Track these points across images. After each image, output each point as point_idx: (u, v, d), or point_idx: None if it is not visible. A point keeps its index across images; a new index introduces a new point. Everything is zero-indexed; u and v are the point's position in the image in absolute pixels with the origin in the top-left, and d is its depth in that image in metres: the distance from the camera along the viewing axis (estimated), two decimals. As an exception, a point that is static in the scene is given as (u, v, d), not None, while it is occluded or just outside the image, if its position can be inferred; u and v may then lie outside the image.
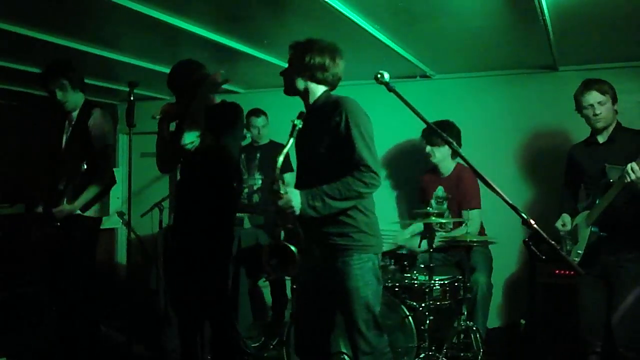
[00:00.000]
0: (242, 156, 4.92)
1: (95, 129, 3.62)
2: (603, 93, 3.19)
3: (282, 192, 2.46)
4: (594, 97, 3.21)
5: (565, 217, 3.38)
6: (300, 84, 2.67)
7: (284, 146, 2.54)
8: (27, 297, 4.57)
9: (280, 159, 2.50)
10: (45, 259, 3.74)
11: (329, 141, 2.54)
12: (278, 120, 4.92)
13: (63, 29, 3.55)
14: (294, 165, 3.11)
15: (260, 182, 4.95)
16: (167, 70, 3.22)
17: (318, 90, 2.67)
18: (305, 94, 2.70)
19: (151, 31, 3.52)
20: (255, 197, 4.93)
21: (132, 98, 3.26)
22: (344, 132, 2.49)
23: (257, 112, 4.97)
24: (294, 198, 2.45)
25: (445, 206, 4.31)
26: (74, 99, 3.68)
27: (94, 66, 4.43)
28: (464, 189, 4.20)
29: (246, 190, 4.93)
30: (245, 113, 3.81)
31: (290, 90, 2.72)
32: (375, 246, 2.61)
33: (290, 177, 5.07)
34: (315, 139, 2.60)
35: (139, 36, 3.75)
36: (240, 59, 4.25)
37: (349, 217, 2.55)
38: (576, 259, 3.17)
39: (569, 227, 3.32)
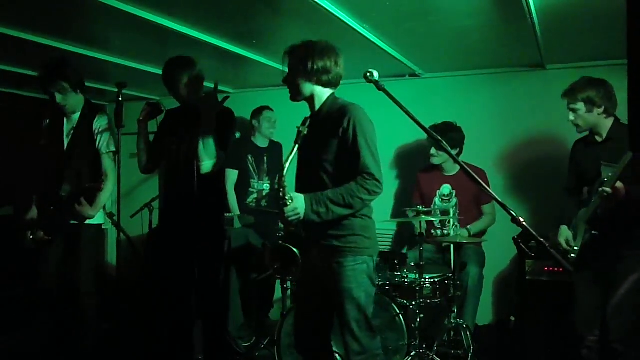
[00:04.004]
0: (250, 158, 4.91)
1: (102, 135, 3.55)
2: (574, 101, 3.19)
3: (287, 197, 2.50)
4: (567, 104, 3.25)
5: (565, 232, 3.28)
6: (307, 89, 2.66)
7: (290, 151, 2.56)
8: (12, 301, 4.54)
9: (287, 165, 2.51)
10: (40, 266, 3.66)
11: (334, 147, 2.57)
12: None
13: (51, 30, 3.52)
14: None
15: (268, 187, 4.95)
16: (156, 71, 3.22)
17: (324, 94, 2.69)
18: (311, 99, 2.70)
19: (140, 31, 3.50)
20: (263, 202, 4.93)
21: (120, 98, 3.24)
22: (350, 140, 2.52)
23: (270, 108, 4.98)
24: (299, 203, 2.50)
25: (453, 203, 4.32)
26: (74, 102, 3.58)
27: (82, 66, 4.37)
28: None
29: (255, 195, 4.92)
30: (239, 112, 3.83)
31: (297, 96, 2.72)
32: (370, 248, 2.64)
33: None
34: (320, 144, 2.62)
35: (128, 36, 3.72)
36: (229, 59, 4.23)
37: (347, 219, 2.58)
38: (574, 255, 3.17)
39: (573, 243, 3.22)
